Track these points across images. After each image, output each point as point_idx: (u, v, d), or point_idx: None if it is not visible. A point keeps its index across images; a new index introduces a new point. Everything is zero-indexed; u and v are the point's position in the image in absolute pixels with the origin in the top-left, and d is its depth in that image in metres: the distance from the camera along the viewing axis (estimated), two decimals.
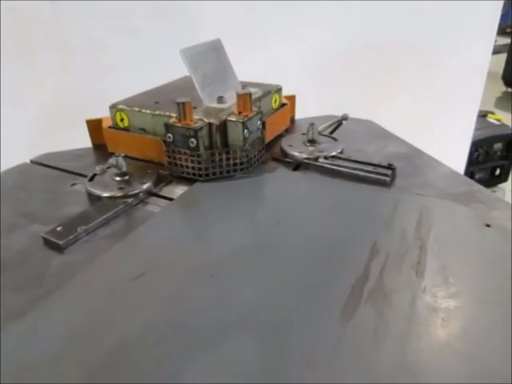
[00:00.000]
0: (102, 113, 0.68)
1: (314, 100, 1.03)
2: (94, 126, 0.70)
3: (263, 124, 0.62)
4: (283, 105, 0.74)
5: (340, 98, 1.32)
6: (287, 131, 0.76)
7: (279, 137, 0.73)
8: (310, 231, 0.49)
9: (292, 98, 0.79)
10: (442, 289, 0.39)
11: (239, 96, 0.57)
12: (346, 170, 0.59)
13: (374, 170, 0.57)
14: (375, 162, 0.60)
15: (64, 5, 0.95)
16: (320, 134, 0.67)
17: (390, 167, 0.58)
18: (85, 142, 0.72)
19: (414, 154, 0.66)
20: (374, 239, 0.46)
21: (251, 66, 0.79)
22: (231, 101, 0.62)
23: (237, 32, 1.03)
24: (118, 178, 0.56)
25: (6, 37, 0.91)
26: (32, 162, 0.67)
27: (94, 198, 0.55)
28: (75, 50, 0.99)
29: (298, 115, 0.83)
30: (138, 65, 1.02)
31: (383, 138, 0.72)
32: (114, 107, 0.65)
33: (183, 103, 0.55)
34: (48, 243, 0.47)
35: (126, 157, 0.66)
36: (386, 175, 0.57)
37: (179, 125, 0.56)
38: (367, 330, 0.35)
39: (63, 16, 0.97)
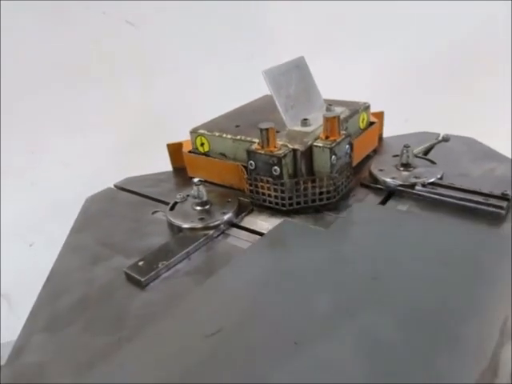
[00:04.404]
0: (184, 131, 0.67)
1: (398, 113, 0.95)
2: (175, 150, 0.69)
3: (351, 147, 0.56)
4: (371, 123, 0.68)
5: (424, 111, 1.22)
6: (375, 151, 0.70)
7: (367, 158, 0.67)
8: (414, 293, 0.37)
9: (380, 115, 0.73)
10: None
11: (327, 119, 0.52)
12: (449, 199, 0.52)
13: (484, 201, 0.49)
14: (484, 189, 0.52)
15: (145, 30, 0.97)
16: (415, 156, 0.60)
17: (504, 197, 0.50)
18: (166, 161, 0.72)
19: None
20: (506, 314, 0.33)
21: (329, 79, 0.74)
22: (316, 123, 0.57)
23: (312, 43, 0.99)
24: (198, 208, 0.54)
25: (94, 62, 0.95)
26: (116, 186, 0.68)
27: (174, 228, 0.53)
28: (156, 72, 1.01)
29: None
30: (218, 85, 1.02)
31: (489, 159, 0.63)
32: (194, 132, 0.63)
33: (266, 129, 0.51)
34: (130, 278, 0.45)
35: (205, 181, 0.64)
36: (500, 207, 0.49)
37: (262, 152, 0.52)
38: None
39: (144, 40, 0.99)
